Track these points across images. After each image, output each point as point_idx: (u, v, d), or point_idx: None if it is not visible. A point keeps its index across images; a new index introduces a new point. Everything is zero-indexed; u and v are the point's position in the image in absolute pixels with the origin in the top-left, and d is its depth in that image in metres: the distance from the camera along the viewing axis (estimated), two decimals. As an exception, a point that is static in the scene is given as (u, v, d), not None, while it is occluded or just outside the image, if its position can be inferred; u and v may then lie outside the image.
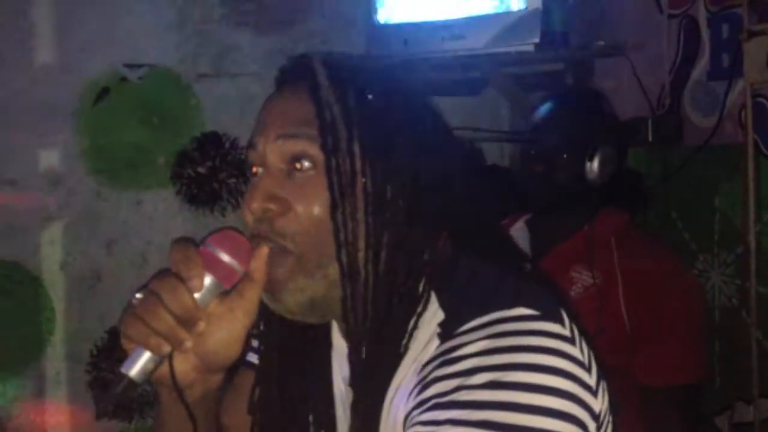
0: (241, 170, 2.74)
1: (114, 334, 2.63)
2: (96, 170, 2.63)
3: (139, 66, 2.65)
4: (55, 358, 2.62)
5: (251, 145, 0.96)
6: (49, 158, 2.60)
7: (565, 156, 1.83)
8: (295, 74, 0.97)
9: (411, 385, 0.86)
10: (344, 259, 0.88)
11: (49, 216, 2.60)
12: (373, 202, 0.89)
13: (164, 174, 2.69)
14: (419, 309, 0.89)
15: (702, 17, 2.22)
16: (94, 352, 2.63)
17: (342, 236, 0.88)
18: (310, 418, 0.99)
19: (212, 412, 0.97)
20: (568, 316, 0.87)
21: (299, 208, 0.90)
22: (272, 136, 0.93)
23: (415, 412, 0.83)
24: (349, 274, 0.89)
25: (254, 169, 0.96)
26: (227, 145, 2.73)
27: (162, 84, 2.67)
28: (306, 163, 0.91)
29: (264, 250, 0.90)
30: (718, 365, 2.13)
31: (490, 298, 0.86)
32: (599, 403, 0.85)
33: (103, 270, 2.64)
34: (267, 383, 0.99)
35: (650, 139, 2.25)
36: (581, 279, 1.80)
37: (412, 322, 0.88)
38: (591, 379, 0.84)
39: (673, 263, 1.85)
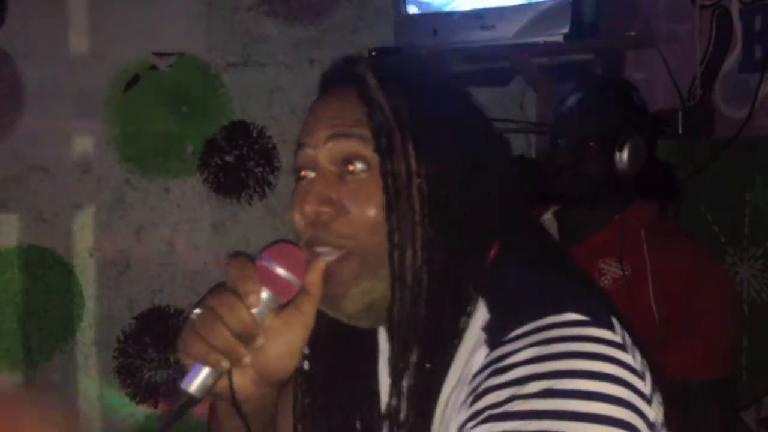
0: (268, 159, 2.76)
1: (142, 321, 2.66)
2: (125, 158, 2.66)
3: (169, 55, 2.67)
4: (84, 344, 2.65)
5: (300, 146, 0.94)
6: (80, 146, 2.63)
7: (594, 147, 1.81)
8: (342, 77, 0.95)
9: (462, 396, 0.85)
10: (396, 261, 0.88)
11: (79, 203, 2.63)
12: (428, 204, 0.89)
13: (192, 162, 2.71)
14: (468, 310, 0.88)
15: (734, 8, 2.20)
16: (122, 338, 2.66)
17: (396, 238, 0.88)
18: (357, 424, 0.99)
19: (269, 425, 0.96)
20: (619, 322, 0.85)
21: (354, 211, 0.89)
22: (323, 137, 0.91)
23: (469, 425, 0.81)
24: (399, 276, 0.88)
25: (302, 174, 0.94)
26: (255, 134, 2.75)
27: (191, 73, 2.69)
28: (359, 165, 0.90)
29: (320, 264, 0.90)
30: (746, 359, 2.12)
31: (539, 303, 0.84)
32: (654, 412, 0.83)
33: (132, 256, 2.67)
34: (313, 388, 0.99)
35: (680, 131, 2.23)
36: (610, 271, 1.79)
37: (461, 323, 0.88)
38: (645, 387, 0.82)
39: (704, 256, 1.83)
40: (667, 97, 2.33)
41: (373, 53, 2.58)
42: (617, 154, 1.81)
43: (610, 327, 0.83)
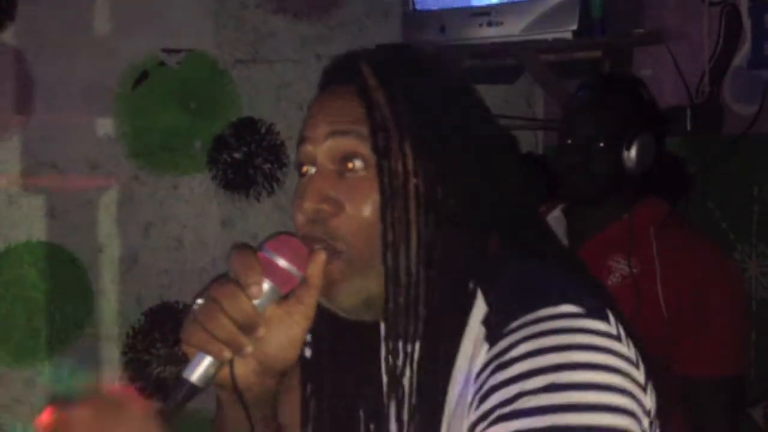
0: (277, 156, 2.76)
1: (150, 316, 2.67)
2: (134, 154, 2.66)
3: (178, 51, 2.67)
4: (93, 340, 2.66)
5: (301, 142, 0.95)
6: (89, 142, 2.64)
7: (602, 145, 1.81)
8: (343, 73, 0.96)
9: (469, 396, 0.86)
10: (390, 261, 0.89)
11: (88, 199, 2.64)
12: (425, 203, 0.89)
13: (201, 159, 2.71)
14: (468, 308, 0.89)
15: (744, 5, 2.20)
16: (131, 334, 2.67)
17: (390, 237, 0.89)
18: (361, 413, 1.00)
19: (270, 414, 0.98)
20: (615, 315, 0.86)
21: (350, 209, 0.90)
22: (322, 134, 0.92)
23: (480, 426, 0.83)
24: (393, 276, 0.89)
25: (304, 169, 0.95)
26: (263, 130, 2.75)
27: (199, 69, 2.69)
28: (357, 163, 0.91)
29: (321, 255, 0.91)
30: (754, 356, 2.12)
31: (534, 296, 0.85)
32: (649, 401, 0.85)
33: (140, 252, 2.67)
34: (318, 378, 1.00)
35: (689, 128, 2.23)
36: (619, 268, 1.79)
37: (461, 321, 0.89)
38: (640, 376, 0.85)
39: (714, 253, 1.83)
40: (676, 94, 2.33)
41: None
42: (626, 152, 1.80)
43: (604, 318, 0.85)
